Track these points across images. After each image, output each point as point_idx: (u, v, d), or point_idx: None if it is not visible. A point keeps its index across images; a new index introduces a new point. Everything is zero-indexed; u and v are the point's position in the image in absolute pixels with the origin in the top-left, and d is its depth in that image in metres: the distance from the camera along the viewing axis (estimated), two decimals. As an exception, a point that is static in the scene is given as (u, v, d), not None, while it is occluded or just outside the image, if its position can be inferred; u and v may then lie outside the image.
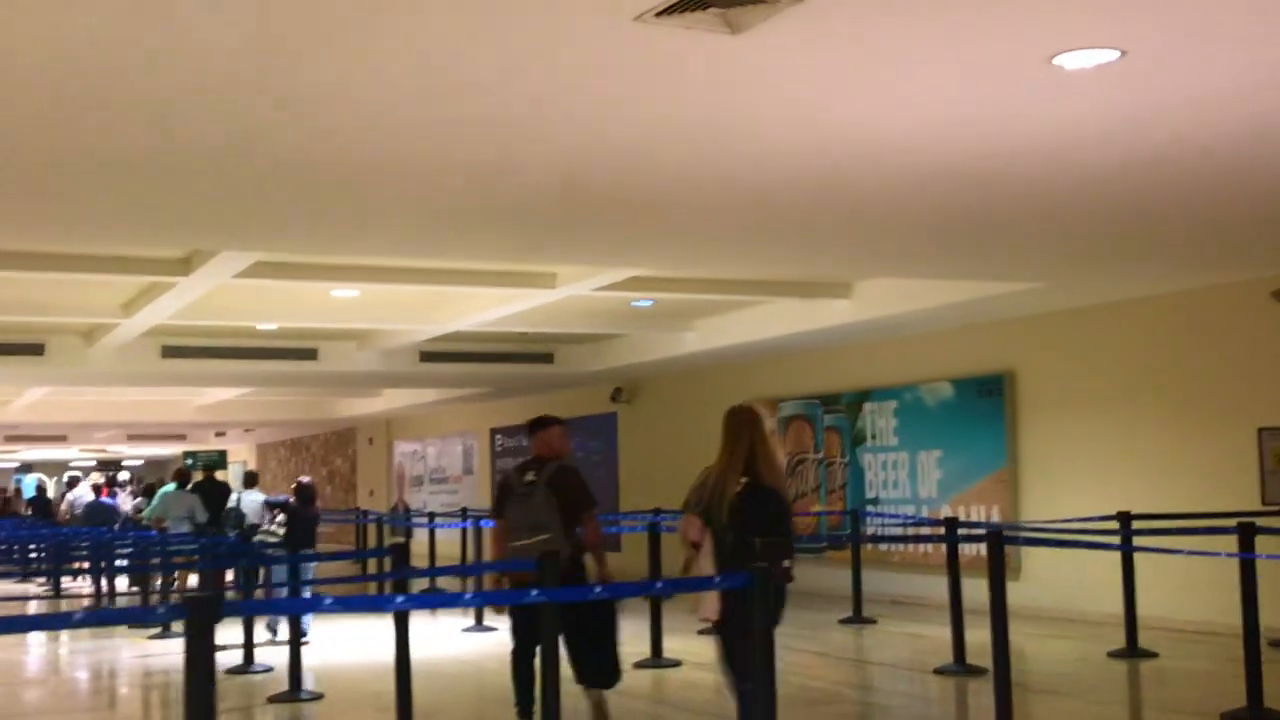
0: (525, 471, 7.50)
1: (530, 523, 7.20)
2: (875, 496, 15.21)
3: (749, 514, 6.23)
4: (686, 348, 16.13)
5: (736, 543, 6.14)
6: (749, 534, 6.02)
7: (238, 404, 25.29)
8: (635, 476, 20.16)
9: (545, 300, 12.70)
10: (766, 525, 6.13)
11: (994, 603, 7.19)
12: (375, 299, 13.32)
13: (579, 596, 6.86)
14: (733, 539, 6.21)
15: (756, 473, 6.37)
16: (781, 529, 6.23)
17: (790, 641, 11.54)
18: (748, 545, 5.90)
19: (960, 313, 12.96)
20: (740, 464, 6.40)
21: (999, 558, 7.20)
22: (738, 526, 6.22)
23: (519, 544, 7.22)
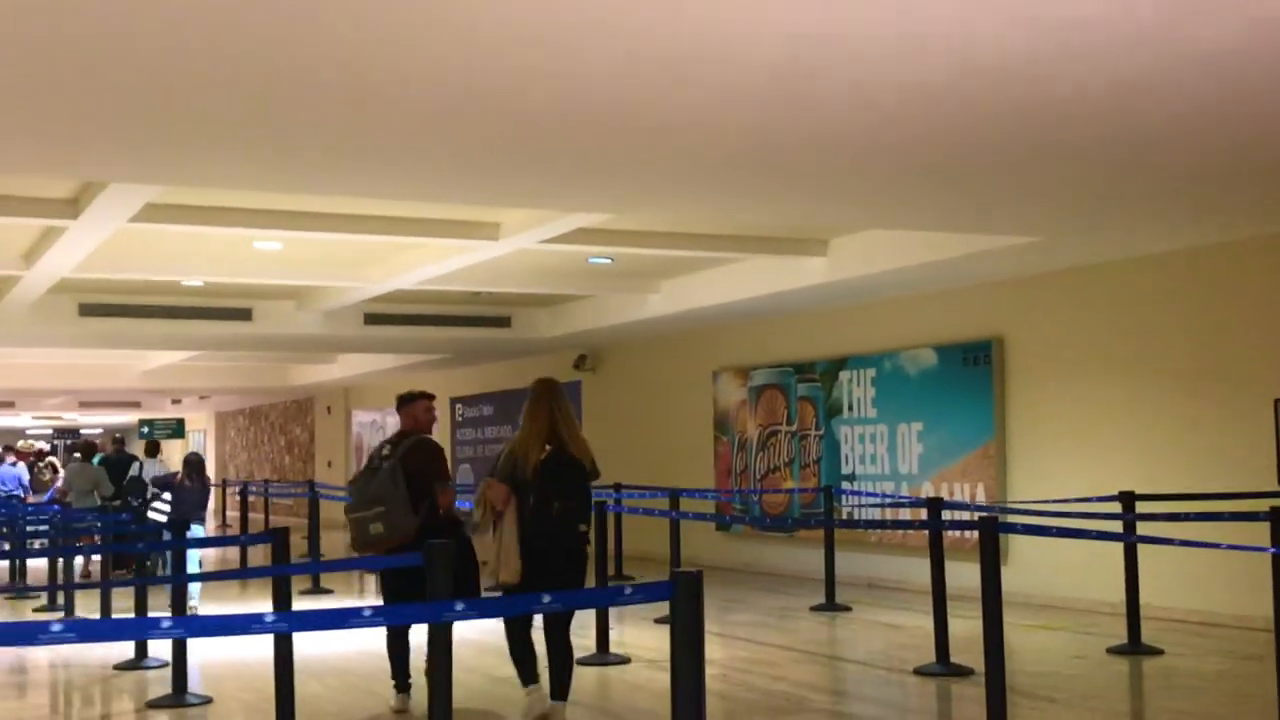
0: (384, 446, 7.59)
1: (370, 495, 7.27)
2: (852, 472, 14.11)
3: (550, 481, 6.57)
4: (651, 311, 14.99)
5: (537, 508, 6.53)
6: (550, 500, 6.53)
7: (186, 370, 24.07)
8: (600, 449, 18.94)
9: (491, 254, 11.54)
10: (566, 492, 6.59)
11: (987, 601, 6.11)
12: (302, 252, 12.14)
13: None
14: (534, 504, 6.54)
15: (560, 441, 6.70)
16: (580, 495, 6.67)
17: (755, 632, 10.46)
18: (548, 510, 6.50)
19: (945, 273, 11.84)
20: (543, 433, 6.69)
21: (993, 550, 6.10)
22: (539, 492, 6.55)
23: (354, 515, 7.32)
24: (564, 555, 6.60)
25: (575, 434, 6.84)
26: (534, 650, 6.77)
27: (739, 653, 9.50)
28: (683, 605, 3.98)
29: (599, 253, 12.34)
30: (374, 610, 4.41)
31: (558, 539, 6.58)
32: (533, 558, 6.49)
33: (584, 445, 6.85)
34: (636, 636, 10.47)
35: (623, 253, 12.23)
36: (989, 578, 6.08)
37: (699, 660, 4.04)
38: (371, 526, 7.21)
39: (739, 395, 15.89)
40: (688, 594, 3.98)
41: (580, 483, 6.72)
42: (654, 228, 11.34)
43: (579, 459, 6.76)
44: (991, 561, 6.09)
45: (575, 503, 6.65)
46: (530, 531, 6.53)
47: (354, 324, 16.10)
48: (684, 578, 4.00)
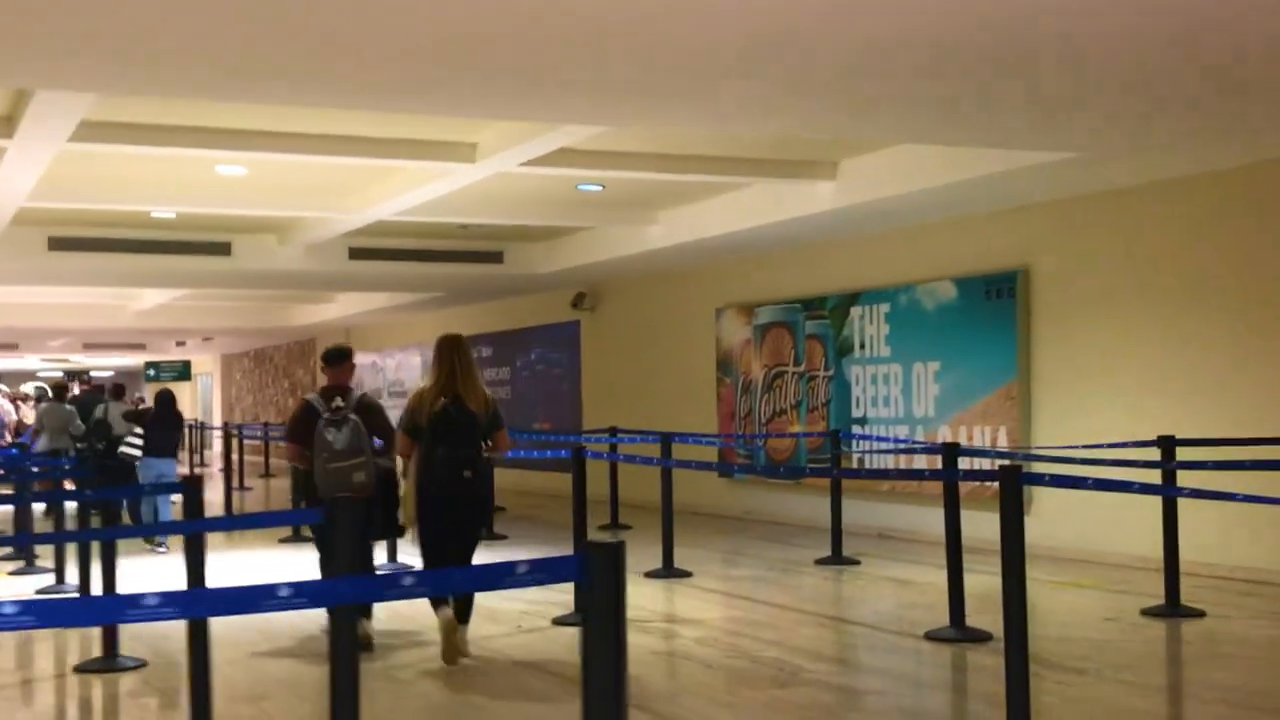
0: (331, 399, 7.79)
1: (350, 448, 7.59)
2: (863, 415, 13.19)
3: (442, 431, 7.03)
4: (649, 243, 14.05)
5: (429, 457, 7.05)
6: (440, 449, 7.00)
7: (181, 309, 23.27)
8: (600, 391, 18.14)
9: (470, 178, 10.61)
10: (457, 441, 7.03)
11: (1008, 562, 5.20)
12: (270, 178, 11.23)
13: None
14: (426, 453, 7.06)
15: (458, 393, 7.10)
16: (470, 445, 7.09)
17: (753, 589, 9.60)
18: (436, 459, 7.00)
19: (965, 197, 10.86)
20: (439, 385, 7.13)
21: (1015, 504, 5.18)
22: (431, 442, 7.04)
23: (339, 465, 7.58)
24: (457, 501, 7.14)
25: (473, 386, 7.22)
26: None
27: (733, 612, 8.63)
28: (597, 589, 3.06)
29: (588, 178, 11.40)
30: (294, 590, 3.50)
31: (447, 486, 7.08)
32: (430, 503, 7.11)
33: (482, 397, 7.24)
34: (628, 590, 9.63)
35: (613, 178, 11.28)
36: (1011, 536, 5.17)
37: (617, 657, 3.11)
38: (355, 476, 7.59)
39: (743, 334, 14.95)
40: (603, 574, 3.05)
41: (471, 433, 7.12)
42: (646, 148, 10.38)
43: (473, 411, 7.14)
44: (1014, 517, 5.18)
45: (464, 452, 7.07)
46: (424, 479, 7.10)
47: (338, 259, 15.22)
48: (596, 553, 3.07)
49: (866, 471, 11.91)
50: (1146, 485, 5.38)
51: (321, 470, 7.61)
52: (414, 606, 8.33)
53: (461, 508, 7.17)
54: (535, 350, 19.94)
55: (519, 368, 20.46)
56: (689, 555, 11.39)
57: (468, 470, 7.06)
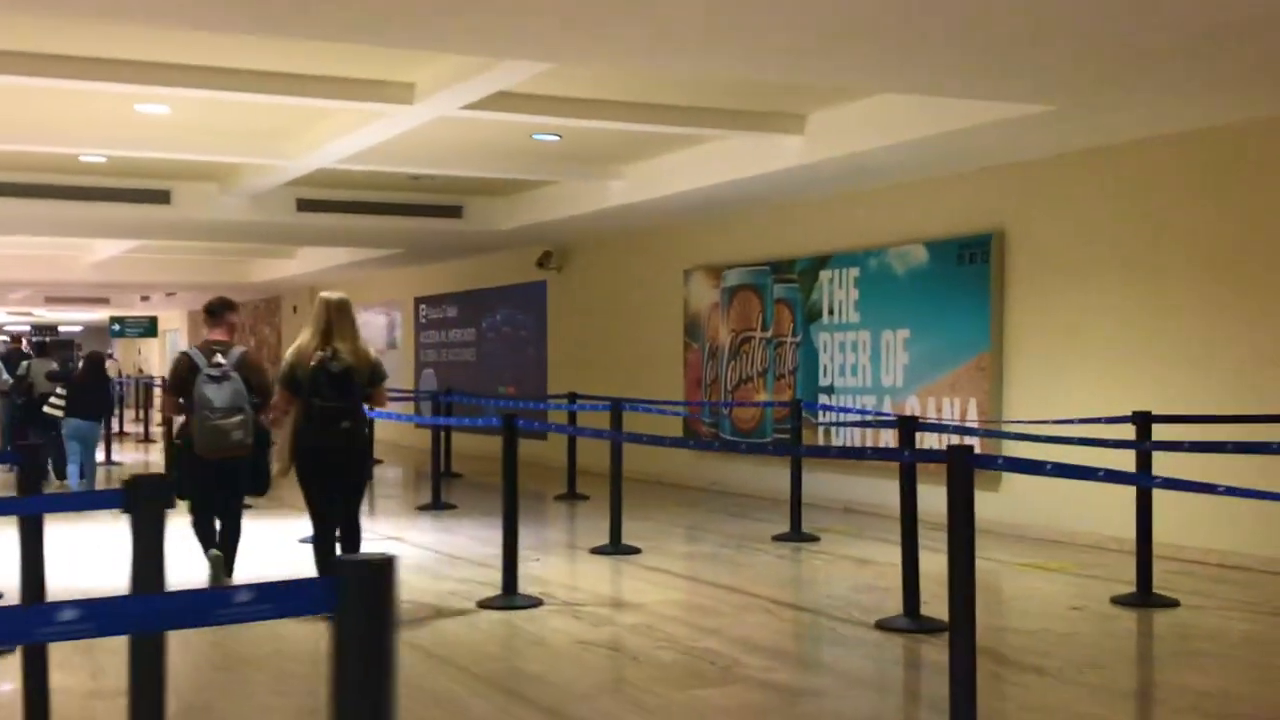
0: (212, 354, 7.83)
1: (230, 405, 7.67)
2: (830, 384, 12.57)
3: (320, 385, 7.20)
4: (613, 200, 13.38)
5: (308, 410, 7.22)
6: (317, 402, 7.20)
7: (136, 262, 22.53)
8: (566, 355, 17.50)
9: (410, 121, 9.91)
10: (334, 395, 7.21)
11: (954, 554, 4.59)
12: (196, 118, 10.52)
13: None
14: (305, 407, 7.23)
15: (335, 350, 7.26)
16: (348, 398, 7.27)
17: (702, 568, 9.00)
18: (315, 411, 7.19)
19: (937, 154, 10.21)
20: (318, 341, 7.28)
21: (964, 487, 4.56)
22: (310, 396, 7.22)
23: (218, 423, 7.65)
24: (335, 452, 7.33)
25: (351, 342, 7.37)
26: (334, 546, 7.44)
27: (676, 595, 8.03)
28: (350, 623, 2.35)
29: (541, 127, 10.73)
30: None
31: (326, 437, 7.27)
32: (308, 454, 7.30)
33: (360, 352, 7.40)
34: (567, 569, 9.02)
35: (568, 127, 10.61)
36: (959, 523, 4.56)
37: (376, 707, 2.38)
38: (234, 434, 7.70)
39: (711, 297, 14.31)
40: (359, 603, 2.34)
41: (349, 386, 7.29)
42: (600, 95, 9.71)
43: (351, 365, 7.30)
44: (963, 503, 4.56)
45: (341, 405, 7.27)
46: (304, 431, 7.27)
47: (285, 210, 14.51)
48: (351, 577, 2.34)
49: (807, 449, 11.26)
50: (1112, 472, 4.74)
51: (200, 427, 7.66)
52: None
53: (341, 458, 7.37)
54: (501, 311, 19.27)
55: (485, 329, 19.80)
56: (643, 529, 10.81)
57: (345, 421, 7.30)
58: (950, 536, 4.61)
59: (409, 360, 22.42)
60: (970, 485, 4.58)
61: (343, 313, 7.37)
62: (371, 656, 2.26)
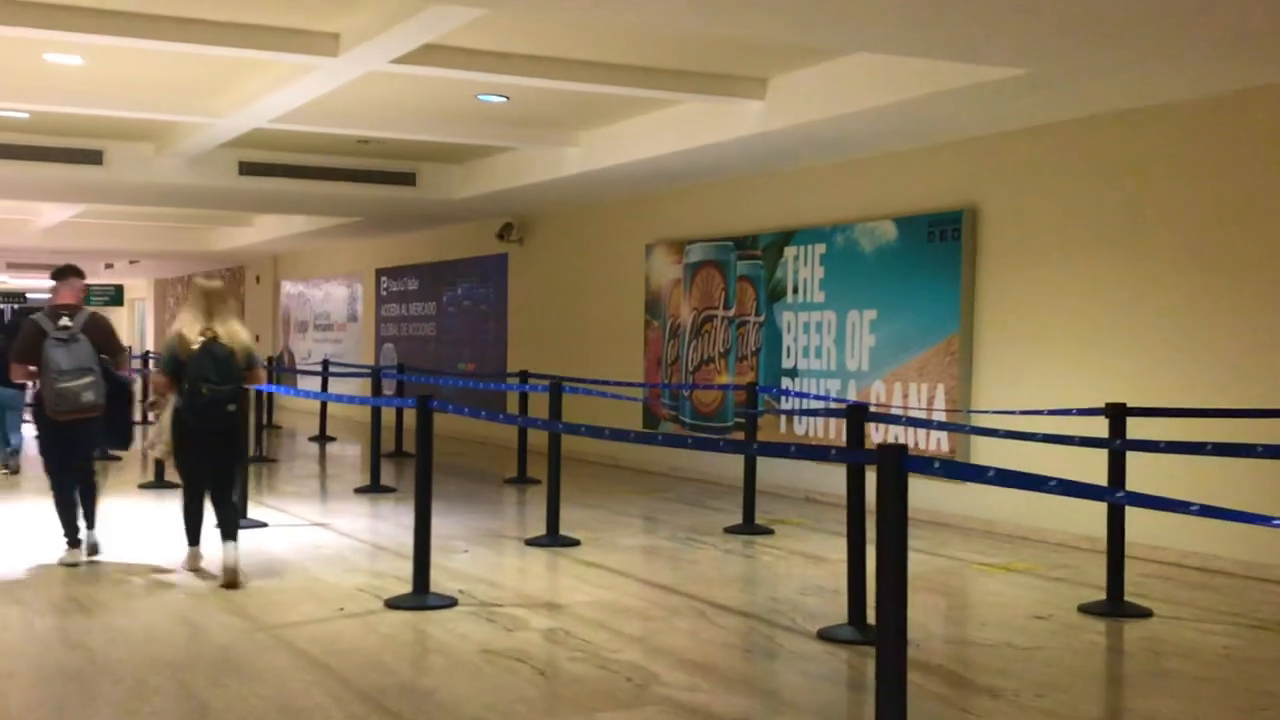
0: (59, 318, 7.82)
1: (77, 366, 7.68)
2: (794, 367, 11.90)
3: (202, 368, 7.34)
4: (568, 168, 12.67)
5: (190, 392, 7.34)
6: (200, 384, 7.32)
7: (88, 228, 21.78)
8: (527, 331, 16.80)
9: (340, 76, 9.19)
10: (216, 378, 7.35)
11: (882, 569, 3.93)
12: (112, 72, 9.79)
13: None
14: (187, 388, 7.35)
15: (214, 332, 7.46)
16: (230, 380, 7.43)
17: (643, 564, 8.36)
18: (198, 393, 7.33)
19: (905, 123, 9.53)
20: (198, 325, 7.47)
21: (895, 490, 3.89)
22: (192, 378, 7.34)
23: (66, 385, 7.64)
24: (216, 434, 7.50)
25: (229, 326, 7.60)
26: (202, 518, 7.76)
27: (606, 594, 7.35)
28: None
29: (484, 85, 10.01)
30: None
31: (205, 418, 7.43)
32: (189, 435, 7.47)
33: (237, 335, 7.61)
34: (494, 563, 8.35)
35: (515, 86, 9.92)
36: (889, 534, 3.89)
37: None
38: (84, 395, 7.70)
39: (673, 273, 13.62)
40: None
41: (229, 368, 7.46)
42: (546, 52, 9.01)
43: (230, 348, 7.52)
44: (894, 513, 3.89)
45: (224, 387, 7.44)
46: (188, 413, 7.42)
47: (227, 174, 13.78)
48: None
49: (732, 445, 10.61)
50: (1066, 483, 4.06)
51: (50, 389, 7.68)
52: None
53: (223, 440, 7.57)
54: (462, 285, 18.55)
55: (445, 303, 19.08)
56: (588, 518, 10.17)
57: (231, 405, 7.48)
58: (879, 548, 3.95)
59: (369, 334, 21.70)
60: (903, 490, 3.91)
61: (220, 299, 7.70)
62: None
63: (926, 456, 3.41)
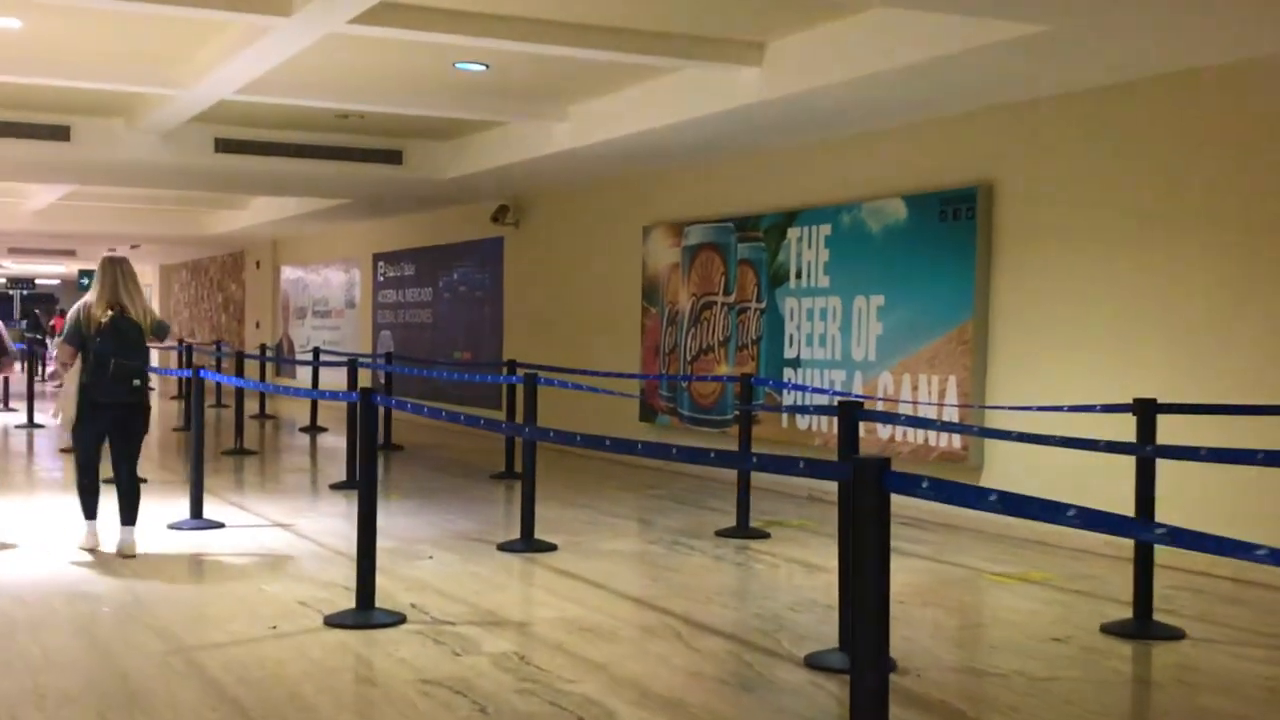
0: None
1: None
2: (796, 357, 11.13)
3: (110, 341, 7.49)
4: (558, 143, 11.92)
5: (96, 365, 7.48)
6: (108, 358, 7.48)
7: (79, 211, 21.11)
8: (523, 318, 16.06)
9: (298, 39, 8.47)
10: (123, 352, 7.53)
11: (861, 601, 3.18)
12: (55, 36, 9.06)
13: None
14: (94, 362, 7.49)
15: (122, 306, 7.61)
16: (137, 354, 7.61)
17: (621, 573, 7.61)
18: (105, 367, 7.47)
19: (913, 92, 8.75)
20: (105, 298, 7.59)
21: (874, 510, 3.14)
22: (99, 351, 7.49)
23: None
24: (122, 407, 7.64)
25: (137, 300, 7.71)
26: (98, 492, 7.91)
27: (573, 609, 6.60)
28: None
29: (460, 50, 9.26)
30: None
31: (113, 392, 7.54)
32: (94, 408, 7.56)
33: (145, 310, 7.74)
34: (458, 571, 7.60)
35: (491, 52, 9.18)
36: (867, 569, 3.14)
37: None
38: None
39: (671, 257, 12.85)
40: None
41: (137, 343, 7.61)
42: (520, 12, 8.26)
43: (137, 322, 7.65)
44: (874, 537, 3.13)
45: (134, 362, 7.56)
46: (93, 386, 7.50)
47: (202, 151, 13.06)
48: None
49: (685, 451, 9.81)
50: (1088, 512, 3.29)
51: None
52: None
53: (127, 413, 7.69)
54: (458, 270, 17.80)
55: (441, 289, 18.34)
56: (570, 519, 9.45)
57: (137, 379, 7.59)
58: (855, 587, 3.19)
59: (366, 321, 20.98)
60: (884, 508, 3.15)
61: (127, 273, 7.75)
62: None
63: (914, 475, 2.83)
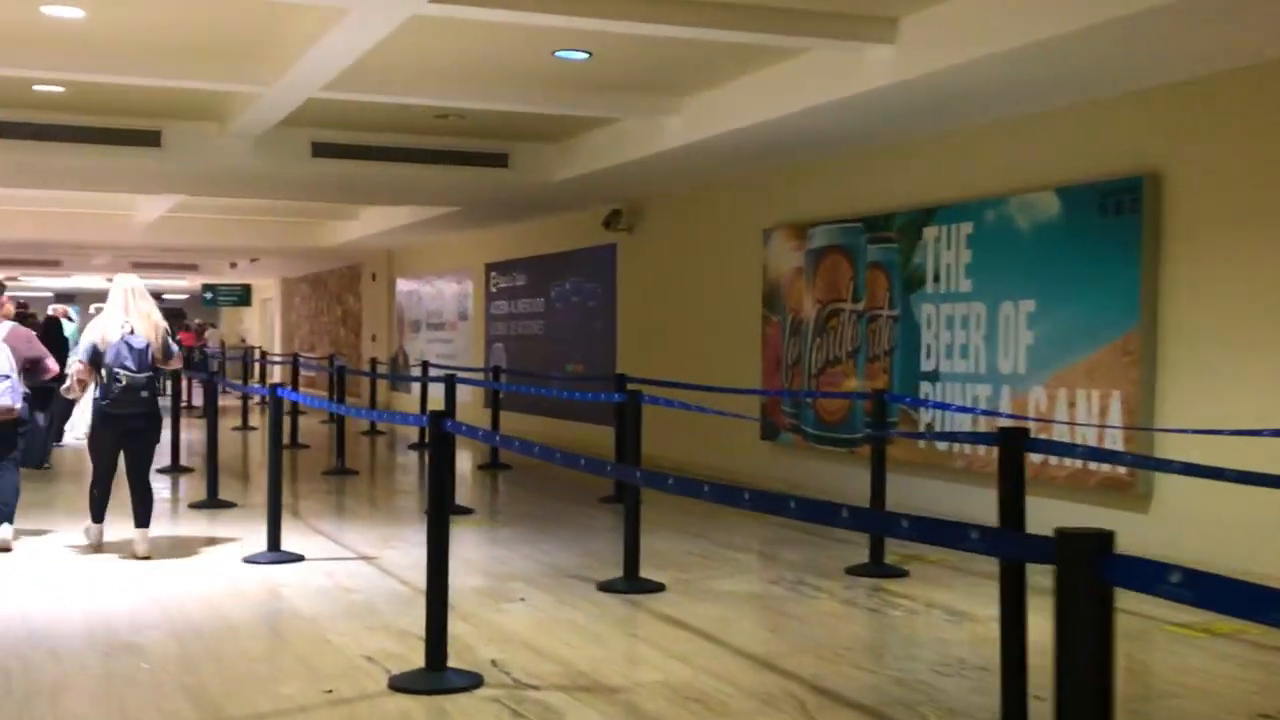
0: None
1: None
2: (935, 370, 10.06)
3: (120, 356, 8.00)
4: (670, 140, 11.02)
5: (109, 380, 8.02)
6: (119, 373, 7.99)
7: (186, 224, 20.76)
8: (637, 329, 15.16)
9: (381, 22, 7.69)
10: (134, 364, 8.02)
11: None
12: (124, 28, 8.39)
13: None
14: (107, 377, 8.02)
15: (134, 327, 8.11)
16: (145, 367, 8.06)
17: (737, 618, 6.63)
18: (117, 382, 8.00)
19: (1068, 69, 7.67)
20: (119, 318, 8.13)
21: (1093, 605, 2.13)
22: (111, 367, 8.00)
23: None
24: (133, 418, 8.08)
25: (147, 318, 8.19)
26: (108, 500, 8.46)
27: (678, 672, 5.64)
28: None
29: (560, 35, 8.40)
30: None
31: (121, 404, 8.01)
32: (108, 420, 8.07)
33: (155, 328, 8.19)
34: (551, 617, 6.71)
35: (596, 35, 8.31)
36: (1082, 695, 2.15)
37: None
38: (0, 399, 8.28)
39: (794, 261, 11.85)
40: None
41: (145, 358, 8.04)
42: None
43: (147, 340, 8.10)
44: (1090, 651, 2.15)
45: (140, 375, 8.01)
46: (102, 400, 8.03)
47: (298, 156, 12.41)
48: None
49: (814, 507, 8.76)
50: None
51: None
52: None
53: (140, 424, 8.16)
54: (570, 279, 16.98)
55: (553, 299, 17.54)
56: (682, 552, 8.54)
57: (145, 391, 8.07)
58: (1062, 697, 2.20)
59: (479, 333, 20.29)
60: (1105, 609, 2.16)
61: (138, 294, 8.27)
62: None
63: (1147, 561, 2.07)
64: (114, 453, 8.28)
